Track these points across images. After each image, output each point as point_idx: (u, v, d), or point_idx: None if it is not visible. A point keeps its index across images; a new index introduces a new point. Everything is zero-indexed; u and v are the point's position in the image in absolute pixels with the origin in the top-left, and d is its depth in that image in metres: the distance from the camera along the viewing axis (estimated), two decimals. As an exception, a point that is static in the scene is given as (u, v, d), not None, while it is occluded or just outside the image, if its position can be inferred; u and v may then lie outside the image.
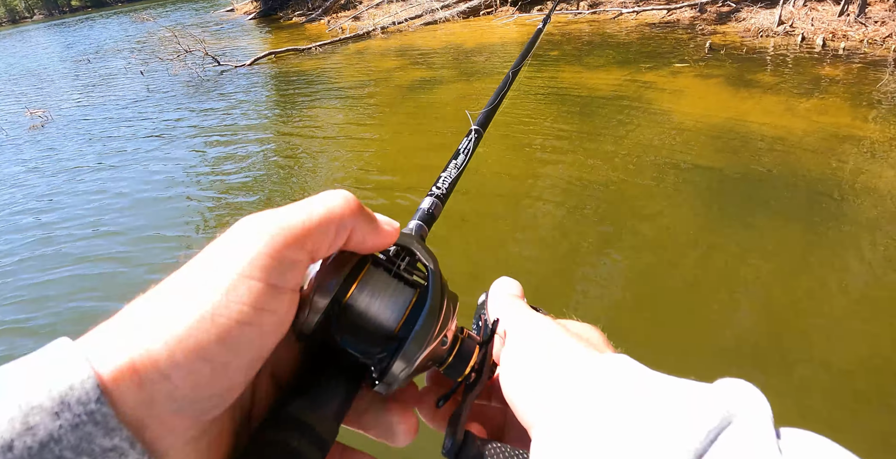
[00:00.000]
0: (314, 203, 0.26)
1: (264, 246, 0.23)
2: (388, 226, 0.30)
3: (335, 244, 0.27)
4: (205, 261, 0.24)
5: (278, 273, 0.23)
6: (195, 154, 5.14)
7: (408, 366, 0.28)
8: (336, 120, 5.60)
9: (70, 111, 7.74)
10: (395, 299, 0.29)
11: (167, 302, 0.22)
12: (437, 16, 10.34)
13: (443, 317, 0.29)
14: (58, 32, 26.51)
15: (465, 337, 0.34)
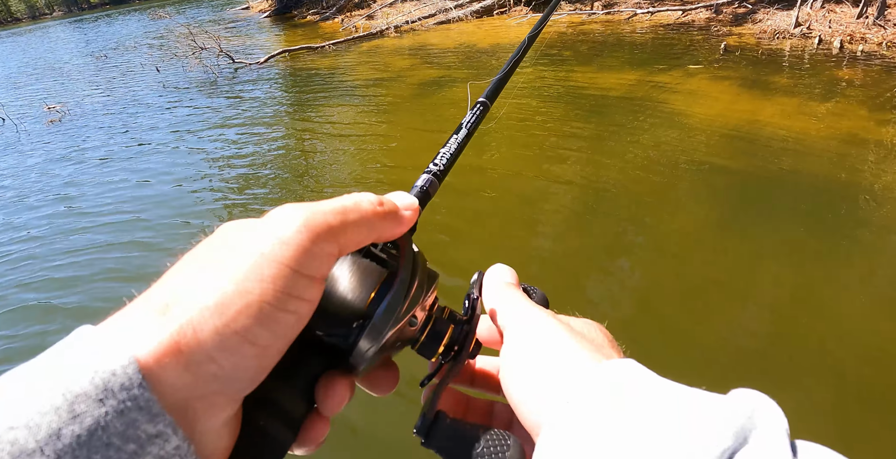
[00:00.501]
0: (349, 203, 0.27)
1: (307, 238, 0.24)
2: (409, 212, 0.31)
3: (363, 242, 0.28)
4: (249, 247, 0.24)
5: (316, 265, 0.25)
6: (211, 148, 5.20)
7: (374, 344, 0.28)
8: (349, 117, 5.63)
9: (88, 106, 7.85)
10: (363, 278, 0.29)
11: (211, 283, 0.23)
12: (451, 15, 10.34)
13: (412, 295, 0.29)
14: (76, 29, 26.88)
15: (440, 315, 0.34)
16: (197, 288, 0.23)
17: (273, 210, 0.26)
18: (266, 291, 0.23)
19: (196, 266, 0.24)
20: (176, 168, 4.84)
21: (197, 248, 0.26)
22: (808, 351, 2.05)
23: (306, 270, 0.24)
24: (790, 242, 2.66)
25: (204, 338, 0.21)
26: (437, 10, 10.62)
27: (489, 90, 0.49)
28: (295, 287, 0.24)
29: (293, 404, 0.28)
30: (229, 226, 0.26)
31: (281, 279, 0.23)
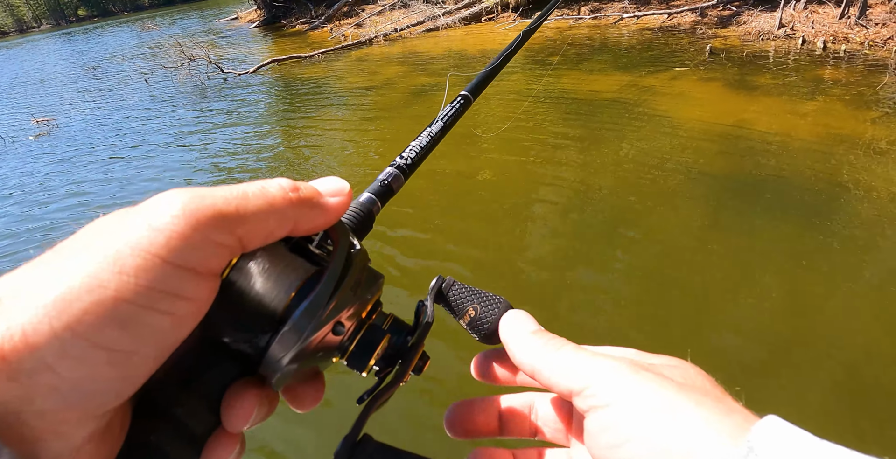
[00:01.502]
0: (251, 188, 0.24)
1: (185, 224, 0.20)
2: (336, 198, 0.27)
3: (274, 234, 0.24)
4: (114, 233, 0.20)
5: (199, 256, 0.21)
6: (200, 158, 5.17)
7: (286, 353, 0.24)
8: (338, 126, 5.63)
9: (77, 119, 7.81)
10: (284, 275, 0.25)
11: (55, 276, 0.19)
12: (439, 22, 10.40)
13: (340, 297, 0.26)
14: (65, 42, 26.80)
15: (378, 324, 0.30)
16: (38, 281, 0.19)
17: (154, 196, 0.22)
18: (125, 285, 0.19)
19: (49, 256, 0.20)
20: (163, 179, 4.81)
21: (62, 241, 0.21)
22: (804, 349, 2.05)
23: (185, 262, 0.20)
24: (779, 241, 2.67)
25: (37, 343, 0.17)
26: (426, 18, 10.67)
27: (473, 84, 0.44)
28: (169, 282, 0.20)
29: (194, 417, 0.24)
30: (106, 216, 0.22)
31: (147, 271, 0.19)
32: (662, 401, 0.24)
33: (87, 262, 0.19)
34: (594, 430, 0.26)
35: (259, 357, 0.25)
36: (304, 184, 0.26)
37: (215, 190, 0.22)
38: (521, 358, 0.30)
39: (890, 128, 3.74)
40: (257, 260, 0.25)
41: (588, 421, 0.26)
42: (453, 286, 0.35)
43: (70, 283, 0.18)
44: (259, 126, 6.11)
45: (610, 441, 0.25)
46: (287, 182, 0.25)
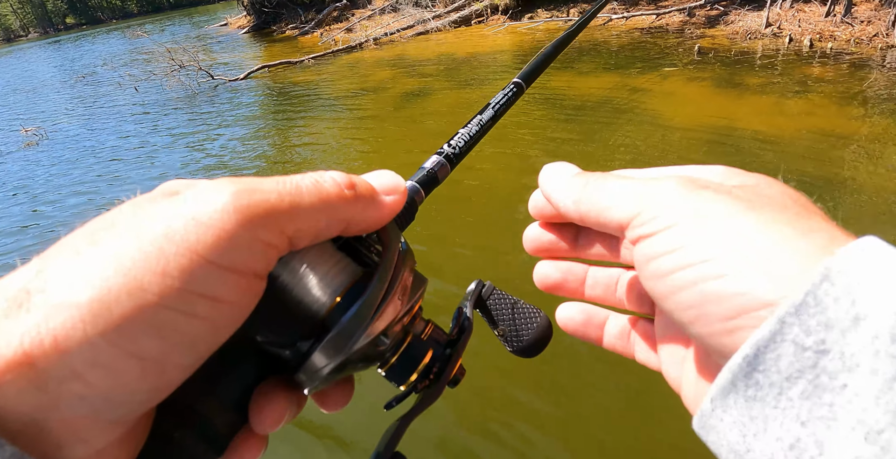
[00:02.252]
0: (304, 182, 0.22)
1: (234, 221, 0.19)
2: (391, 197, 0.25)
3: (324, 234, 0.22)
4: (154, 225, 0.18)
5: (246, 257, 0.19)
6: (190, 166, 5.15)
7: (330, 362, 0.23)
8: (329, 131, 5.62)
9: (66, 128, 7.75)
10: (331, 275, 0.23)
11: (90, 270, 0.17)
12: (429, 26, 10.42)
13: (386, 306, 0.24)
14: (53, 50, 26.65)
15: (419, 333, 0.28)
16: (71, 274, 0.17)
17: (200, 184, 0.20)
18: (168, 290, 0.17)
19: (82, 242, 0.18)
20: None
21: (96, 219, 0.20)
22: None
23: (230, 262, 0.18)
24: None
25: (68, 349, 0.16)
26: (416, 22, 10.69)
27: (527, 71, 0.41)
28: (213, 285, 0.18)
29: (219, 416, 0.23)
30: (145, 195, 0.20)
31: (192, 274, 0.18)
32: (722, 221, 0.21)
33: (126, 258, 0.17)
34: (642, 261, 0.23)
35: (296, 362, 0.23)
36: (360, 180, 0.24)
37: (266, 182, 0.21)
38: (566, 201, 0.27)
39: (876, 123, 3.78)
40: (302, 258, 0.23)
41: (636, 253, 0.24)
42: (493, 293, 0.34)
43: (108, 283, 0.17)
44: (249, 132, 6.09)
45: (657, 270, 0.22)
46: (342, 177, 0.23)
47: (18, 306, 0.16)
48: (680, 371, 0.27)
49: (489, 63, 7.34)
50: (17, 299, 0.17)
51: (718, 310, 0.20)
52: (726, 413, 0.19)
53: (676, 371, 0.28)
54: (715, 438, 0.20)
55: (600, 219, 0.25)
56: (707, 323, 0.21)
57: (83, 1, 70.39)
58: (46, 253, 0.19)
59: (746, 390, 0.19)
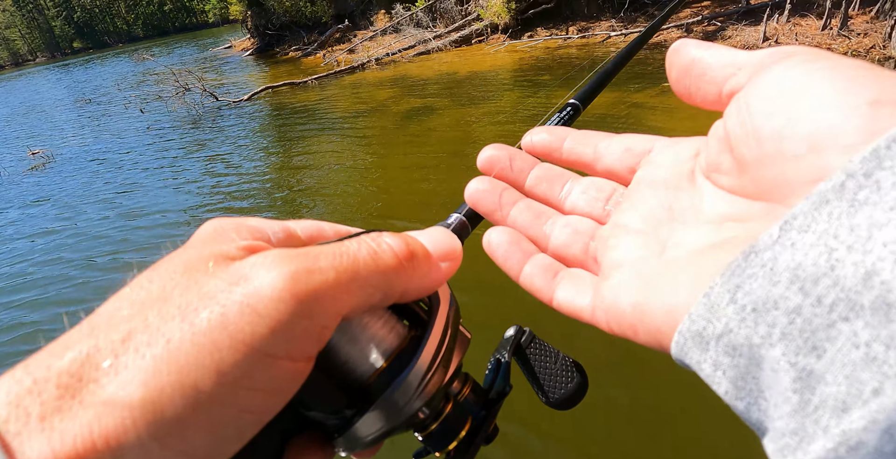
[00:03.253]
0: (361, 254, 0.20)
1: (291, 310, 0.18)
2: (446, 264, 0.24)
3: (378, 306, 0.22)
4: (209, 312, 0.17)
5: (301, 346, 0.18)
6: (195, 187, 5.19)
7: (373, 434, 0.22)
8: (332, 151, 5.67)
9: (72, 150, 7.85)
10: (377, 339, 0.22)
11: (143, 364, 0.16)
12: (430, 46, 10.57)
13: (435, 373, 0.23)
14: (60, 74, 27.13)
15: (458, 394, 0.26)
16: (123, 366, 0.16)
17: (252, 258, 0.19)
18: (221, 388, 0.16)
19: (134, 321, 0.17)
20: (159, 206, 4.82)
21: (147, 280, 0.19)
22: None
23: (285, 352, 0.18)
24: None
25: (122, 452, 0.15)
26: (417, 42, 10.85)
27: (585, 90, 0.40)
28: (264, 377, 0.17)
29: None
30: (196, 253, 0.20)
31: (244, 368, 0.17)
32: (804, 77, 0.19)
33: (180, 352, 0.16)
34: (729, 112, 0.22)
35: (336, 429, 0.22)
36: (418, 246, 0.23)
37: (323, 255, 0.19)
38: (683, 57, 0.25)
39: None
40: (348, 322, 0.22)
41: (727, 116, 0.22)
42: (533, 341, 0.33)
43: (161, 382, 0.16)
44: (253, 152, 6.14)
45: (724, 132, 0.22)
46: (399, 245, 0.22)
47: (72, 397, 0.16)
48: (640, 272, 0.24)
49: (490, 81, 7.42)
50: (70, 388, 0.16)
51: None
52: (807, 232, 0.16)
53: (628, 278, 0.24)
54: (769, 271, 0.16)
55: (707, 75, 0.24)
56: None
57: (90, 25, 71.87)
58: (97, 321, 0.18)
59: (857, 193, 0.15)
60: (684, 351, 0.18)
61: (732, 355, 0.17)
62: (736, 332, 0.16)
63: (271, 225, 0.23)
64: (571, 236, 0.29)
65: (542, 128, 0.33)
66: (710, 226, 0.23)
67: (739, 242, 0.19)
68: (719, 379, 0.17)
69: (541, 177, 0.32)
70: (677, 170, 0.27)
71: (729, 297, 0.17)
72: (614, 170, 0.30)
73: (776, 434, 0.16)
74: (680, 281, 0.20)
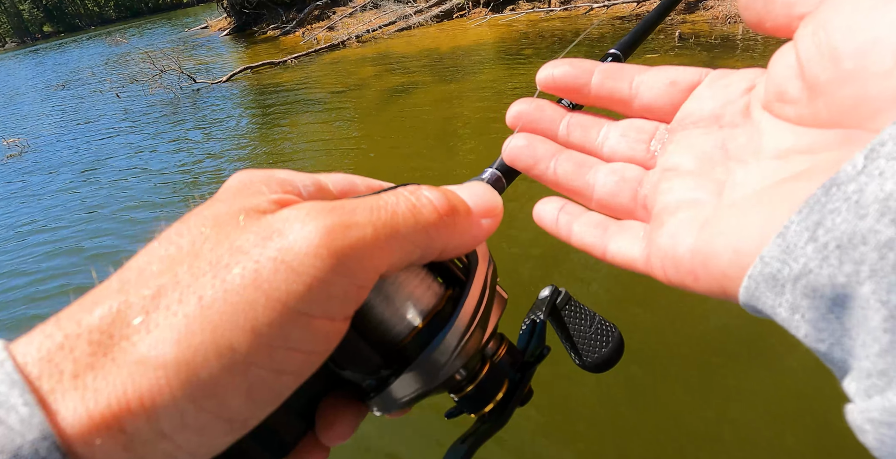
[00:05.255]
0: (401, 207, 0.19)
1: (329, 267, 0.17)
2: (488, 221, 0.23)
3: (417, 264, 0.21)
4: (244, 268, 0.17)
5: (338, 304, 0.18)
6: (177, 169, 5.12)
7: (408, 395, 0.22)
8: (315, 130, 5.60)
9: (48, 138, 7.67)
10: (413, 297, 0.22)
11: (177, 323, 0.16)
12: (411, 21, 10.37)
13: (472, 334, 0.22)
14: (31, 59, 26.29)
15: (495, 356, 0.25)
16: (155, 324, 0.16)
17: (285, 212, 0.18)
18: (258, 349, 0.16)
19: (164, 277, 0.17)
20: (139, 193, 4.76)
21: (174, 235, 0.18)
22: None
23: (322, 312, 0.17)
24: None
25: (155, 414, 0.15)
26: (398, 18, 10.64)
27: (626, 40, 0.37)
28: (301, 338, 0.17)
29: (284, 424, 0.22)
30: (227, 205, 0.19)
31: (280, 327, 0.16)
32: None
33: (213, 311, 0.16)
34: (802, 34, 0.20)
35: (371, 389, 0.22)
36: (459, 201, 0.22)
37: (360, 209, 0.18)
38: None
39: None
40: (384, 280, 0.21)
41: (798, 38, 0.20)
42: (569, 303, 0.32)
43: (195, 341, 0.15)
44: (234, 134, 6.05)
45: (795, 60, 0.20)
46: (440, 199, 0.21)
47: (104, 354, 0.15)
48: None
49: (473, 56, 7.33)
50: (102, 345, 0.16)
51: None
52: None
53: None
54: (854, 204, 0.15)
55: None
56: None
57: (60, 8, 69.43)
58: (126, 276, 0.17)
59: None
60: (756, 296, 0.17)
61: (812, 296, 0.15)
62: (817, 272, 0.15)
63: (302, 177, 0.23)
64: (618, 184, 0.27)
65: (564, 60, 0.29)
66: (774, 161, 0.21)
67: (814, 174, 0.17)
68: (797, 323, 0.16)
69: (574, 124, 0.30)
70: (729, 106, 0.25)
71: (808, 236, 0.15)
72: (656, 106, 0.28)
73: (861, 374, 0.15)
74: (747, 220, 0.19)
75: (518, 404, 0.26)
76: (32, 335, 0.16)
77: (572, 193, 0.29)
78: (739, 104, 0.25)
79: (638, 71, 0.28)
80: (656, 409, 1.80)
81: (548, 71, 0.29)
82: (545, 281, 2.47)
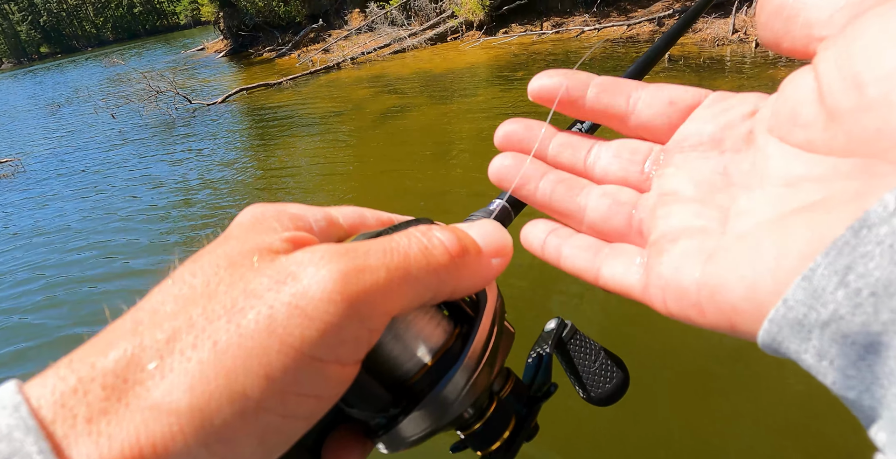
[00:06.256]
0: (412, 250, 0.19)
1: (345, 314, 0.17)
2: (497, 261, 0.22)
3: (427, 305, 0.21)
4: (258, 313, 0.17)
5: (351, 349, 0.17)
6: (171, 191, 5.10)
7: (416, 434, 0.21)
8: (309, 153, 5.62)
9: (42, 158, 7.66)
10: (422, 336, 0.21)
11: (190, 368, 0.16)
12: (406, 44, 10.53)
13: (481, 372, 0.22)
14: (27, 80, 26.42)
15: (501, 392, 0.25)
16: (169, 369, 0.16)
17: (299, 255, 0.18)
18: (270, 395, 0.16)
19: (178, 319, 0.17)
20: (134, 216, 4.73)
21: (190, 277, 0.18)
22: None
23: (335, 357, 0.17)
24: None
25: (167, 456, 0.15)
26: (392, 40, 10.80)
27: (632, 70, 0.34)
28: (313, 383, 0.17)
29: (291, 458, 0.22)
30: (240, 245, 0.19)
31: (293, 373, 0.16)
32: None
33: (227, 356, 0.16)
34: (824, 57, 0.19)
35: (378, 428, 0.22)
36: (469, 242, 0.21)
37: (372, 252, 0.18)
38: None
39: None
40: (395, 319, 0.21)
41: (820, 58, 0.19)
42: (575, 336, 0.32)
43: (209, 387, 0.15)
44: (229, 155, 6.06)
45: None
46: (452, 242, 0.21)
47: (118, 399, 0.15)
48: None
49: (466, 78, 7.43)
50: (116, 390, 0.15)
51: None
52: None
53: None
54: (888, 249, 0.14)
55: None
56: None
57: (57, 30, 70.11)
58: (140, 317, 0.17)
59: None
60: (778, 341, 0.17)
61: (842, 343, 0.15)
62: (848, 319, 0.14)
63: (313, 212, 0.23)
64: (611, 207, 0.26)
65: (559, 70, 0.28)
66: (781, 189, 0.20)
67: (832, 205, 0.17)
68: (825, 370, 0.15)
69: (564, 144, 0.29)
70: (729, 130, 0.24)
71: (837, 280, 0.15)
72: (652, 126, 0.26)
73: (892, 425, 0.14)
74: (761, 253, 0.18)
75: (524, 440, 0.25)
76: (46, 377, 0.16)
77: (562, 216, 0.28)
78: (741, 129, 0.23)
79: (635, 86, 0.27)
80: (651, 424, 1.77)
81: (540, 82, 0.28)
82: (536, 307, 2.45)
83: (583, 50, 7.77)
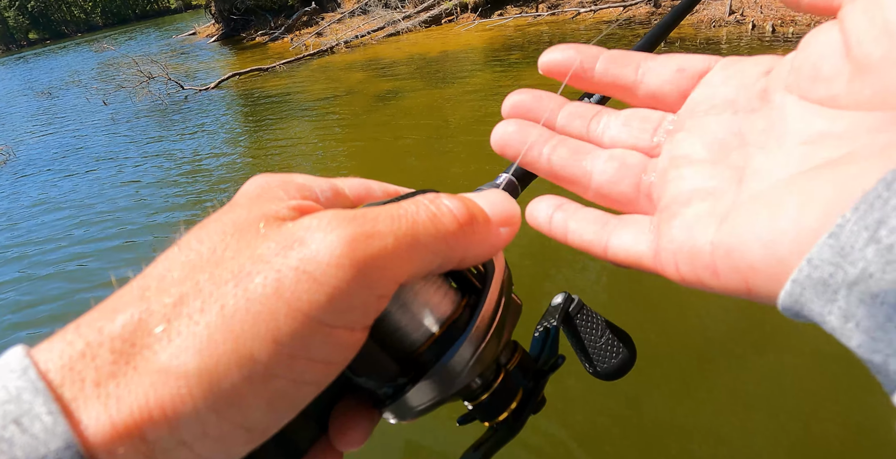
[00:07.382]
0: (421, 217, 0.19)
1: (350, 277, 0.17)
2: (506, 230, 0.22)
3: (435, 273, 0.21)
4: (265, 278, 0.16)
5: (359, 314, 0.17)
6: (164, 180, 5.08)
7: (423, 404, 0.21)
8: (304, 136, 5.59)
9: (33, 146, 7.59)
10: (429, 306, 0.22)
11: (198, 332, 0.16)
12: (400, 27, 10.40)
13: (488, 343, 0.22)
14: (16, 66, 26.03)
15: (508, 364, 0.25)
16: (176, 333, 0.16)
17: (305, 220, 0.18)
18: (279, 359, 0.16)
19: (185, 284, 0.17)
20: (128, 202, 4.71)
21: (197, 244, 0.18)
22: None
23: (343, 322, 0.17)
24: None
25: (177, 423, 0.15)
26: (386, 23, 10.66)
27: (641, 44, 0.35)
28: (322, 348, 0.17)
29: (298, 428, 0.21)
30: (249, 212, 0.19)
31: (301, 338, 0.16)
32: None
33: (234, 320, 0.16)
34: (852, 8, 0.18)
35: (385, 397, 0.22)
36: (477, 210, 0.21)
37: (381, 218, 0.18)
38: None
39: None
40: (402, 288, 0.21)
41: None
42: (582, 310, 0.32)
43: (216, 351, 0.15)
44: (222, 140, 6.02)
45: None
46: (459, 209, 0.20)
47: (126, 362, 0.15)
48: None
49: (461, 61, 7.36)
50: (124, 354, 0.16)
51: None
52: None
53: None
54: None
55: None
56: None
57: (45, 15, 68.90)
58: (146, 283, 0.17)
59: None
60: (801, 303, 0.16)
61: (871, 304, 0.14)
62: (878, 277, 0.14)
63: (319, 182, 0.22)
64: (619, 171, 0.25)
65: (569, 44, 0.28)
66: (802, 147, 0.19)
67: (858, 159, 0.16)
68: (850, 332, 0.15)
69: (573, 114, 0.28)
70: (743, 90, 0.23)
71: (867, 236, 0.14)
72: (662, 94, 0.26)
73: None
74: (781, 211, 0.17)
75: (531, 412, 0.26)
76: (53, 342, 0.16)
77: (567, 182, 0.27)
78: (756, 88, 0.23)
79: (644, 58, 0.27)
80: (651, 405, 1.80)
81: (550, 56, 0.28)
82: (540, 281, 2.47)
83: (579, 32, 7.69)
